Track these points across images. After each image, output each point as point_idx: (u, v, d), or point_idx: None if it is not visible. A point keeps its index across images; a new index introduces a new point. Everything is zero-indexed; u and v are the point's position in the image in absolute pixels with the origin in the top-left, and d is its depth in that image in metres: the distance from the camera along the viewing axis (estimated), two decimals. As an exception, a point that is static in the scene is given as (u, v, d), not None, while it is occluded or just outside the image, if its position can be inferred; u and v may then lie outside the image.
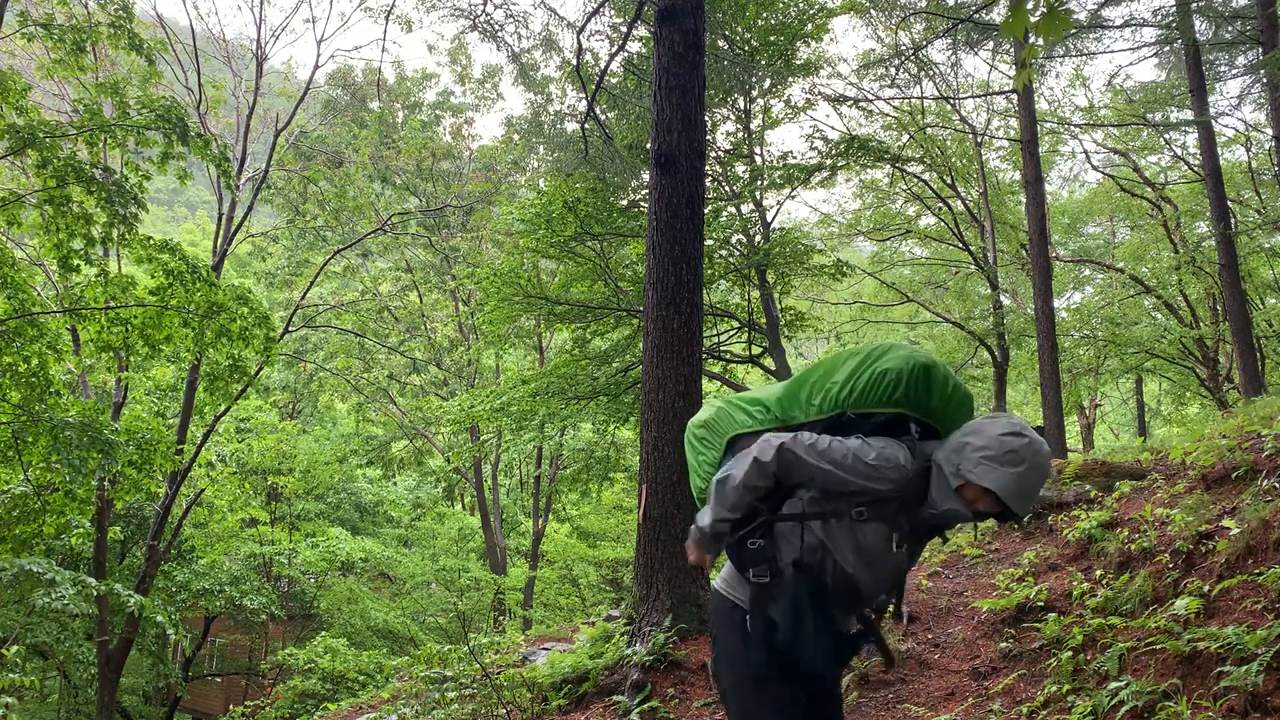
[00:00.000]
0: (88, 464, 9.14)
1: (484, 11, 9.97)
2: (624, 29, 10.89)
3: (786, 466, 2.45)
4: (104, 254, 13.02)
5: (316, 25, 36.86)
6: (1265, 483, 4.68)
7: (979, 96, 18.42)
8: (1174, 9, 12.40)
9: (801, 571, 2.48)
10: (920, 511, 2.44)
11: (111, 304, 9.90)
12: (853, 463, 2.42)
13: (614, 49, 10.01)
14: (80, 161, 9.18)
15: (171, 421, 16.10)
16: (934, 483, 2.42)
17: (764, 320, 13.50)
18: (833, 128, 20.83)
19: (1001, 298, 17.88)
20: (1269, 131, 14.66)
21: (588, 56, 11.45)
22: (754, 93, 13.37)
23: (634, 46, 11.67)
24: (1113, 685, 3.84)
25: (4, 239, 10.90)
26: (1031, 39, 1.82)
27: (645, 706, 5.20)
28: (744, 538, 2.53)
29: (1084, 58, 17.71)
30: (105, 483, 11.75)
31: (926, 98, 17.69)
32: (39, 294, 10.27)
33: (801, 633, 2.45)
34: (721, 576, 2.69)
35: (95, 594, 11.40)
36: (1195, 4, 12.07)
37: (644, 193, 12.01)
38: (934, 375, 2.52)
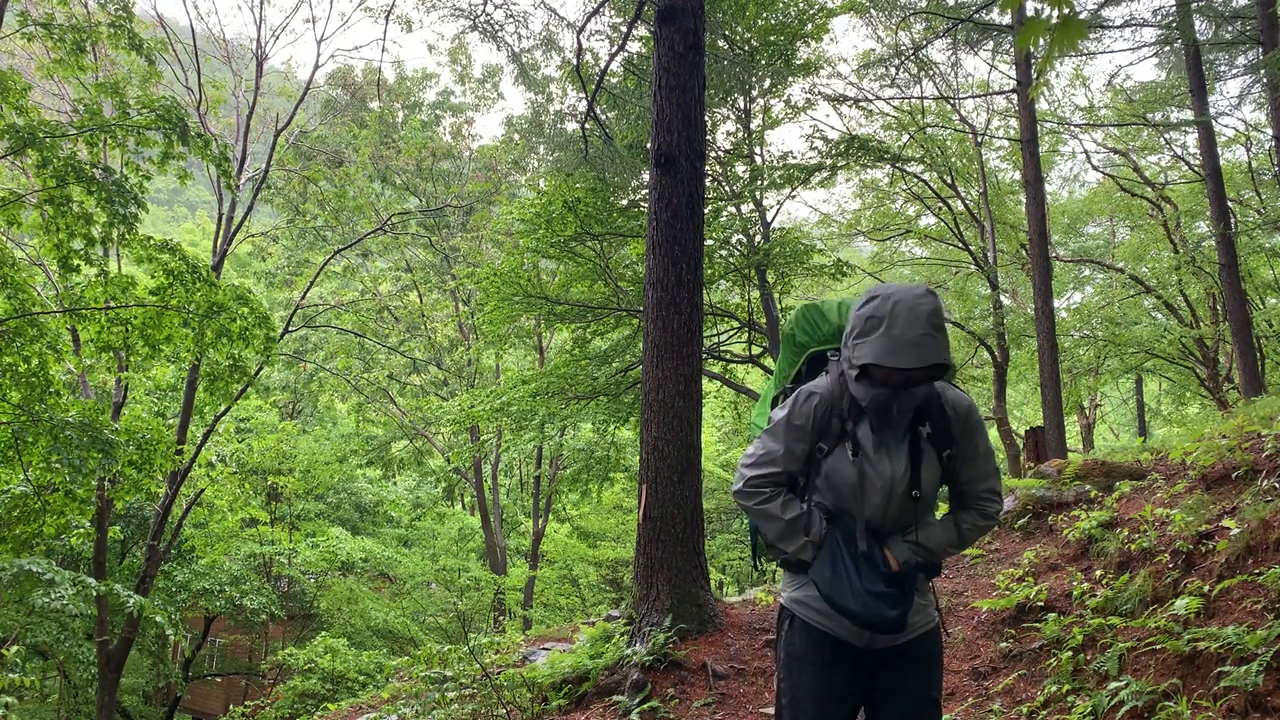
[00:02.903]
0: (88, 464, 9.14)
1: (484, 11, 9.97)
2: (624, 29, 10.89)
3: (762, 470, 2.51)
4: (104, 254, 13.00)
5: (316, 25, 36.90)
6: (1265, 483, 4.68)
7: (979, 96, 18.43)
8: (1174, 9, 12.40)
9: (827, 530, 2.49)
10: (862, 415, 2.43)
11: (111, 304, 9.90)
12: (779, 420, 2.51)
13: (614, 49, 10.00)
14: (80, 161, 9.19)
15: (171, 421, 16.10)
16: (849, 383, 2.42)
17: (764, 320, 13.50)
18: (833, 128, 20.84)
19: (1001, 298, 17.89)
20: (1269, 131, 14.66)
21: (588, 56, 11.46)
22: (754, 93, 13.36)
23: (634, 46, 11.67)
24: (1113, 685, 3.84)
25: (4, 239, 10.90)
26: (1043, 44, 1.74)
27: (645, 706, 5.19)
28: None
29: (1084, 58, 17.72)
30: (105, 483, 11.75)
31: (926, 98, 17.70)
32: (39, 294, 10.27)
33: (839, 584, 2.42)
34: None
35: (95, 594, 11.40)
36: (1195, 4, 12.07)
37: (644, 193, 12.00)
38: (820, 308, 2.65)
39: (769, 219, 13.76)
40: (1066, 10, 1.72)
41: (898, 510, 2.44)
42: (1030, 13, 12.26)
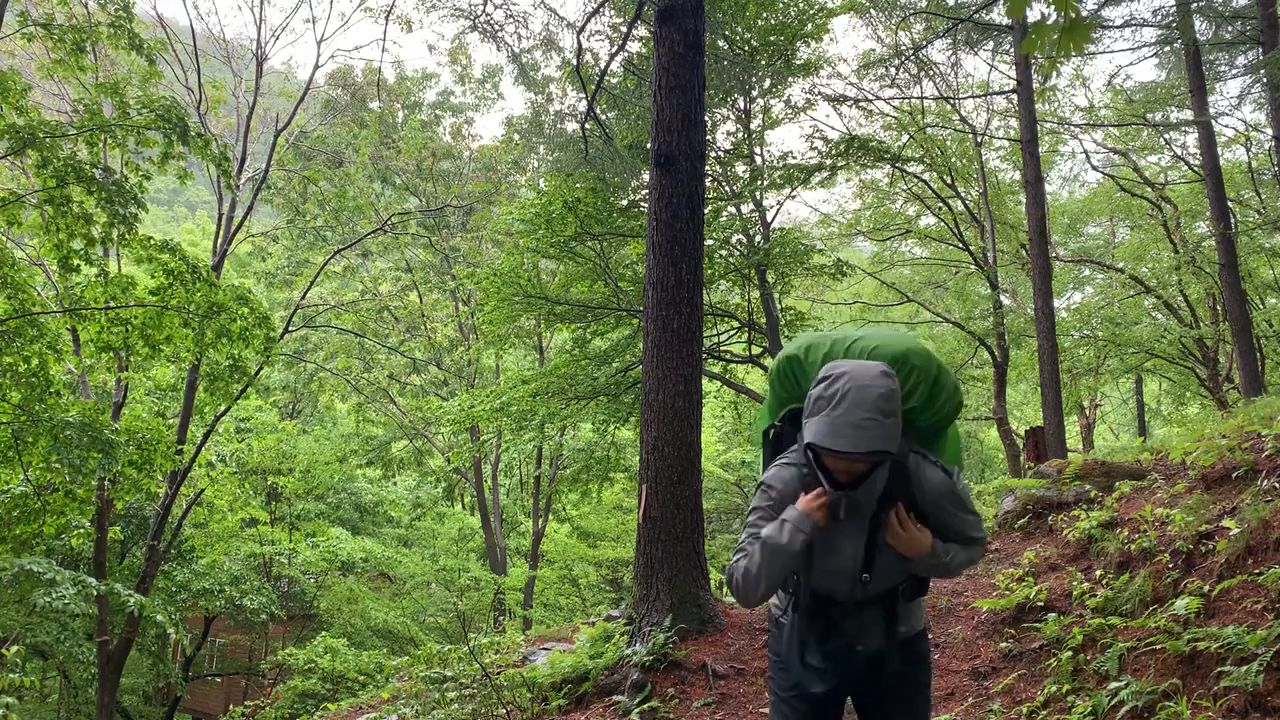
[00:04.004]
0: (88, 464, 9.14)
1: (484, 12, 9.96)
2: (624, 29, 10.89)
3: (730, 579, 2.46)
4: (104, 254, 13.02)
5: (316, 25, 36.93)
6: (1265, 483, 4.68)
7: (979, 96, 18.42)
8: (1174, 9, 12.40)
9: (793, 596, 2.57)
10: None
11: (111, 304, 9.90)
12: (755, 498, 2.50)
13: (614, 49, 10.00)
14: (80, 161, 9.18)
15: (171, 421, 16.09)
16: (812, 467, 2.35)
17: (764, 320, 13.49)
18: (833, 128, 20.85)
19: (1001, 298, 17.87)
20: (1269, 131, 14.66)
21: (588, 56, 11.45)
22: (754, 93, 13.35)
23: (634, 46, 11.67)
24: (1113, 685, 3.84)
25: (4, 239, 10.89)
26: (1047, 46, 1.73)
27: (645, 706, 5.20)
28: None
29: (1084, 58, 17.71)
30: (105, 483, 11.75)
31: (926, 98, 17.68)
32: (39, 294, 10.27)
33: (790, 646, 2.55)
34: None
35: (95, 594, 11.40)
36: (1195, 4, 12.07)
37: (644, 193, 12.00)
38: (802, 361, 2.51)
39: (769, 219, 13.76)
40: (1072, 14, 1.72)
41: (850, 591, 2.44)
42: (1033, 15, 12.25)
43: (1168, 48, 13.21)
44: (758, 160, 13.67)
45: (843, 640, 2.48)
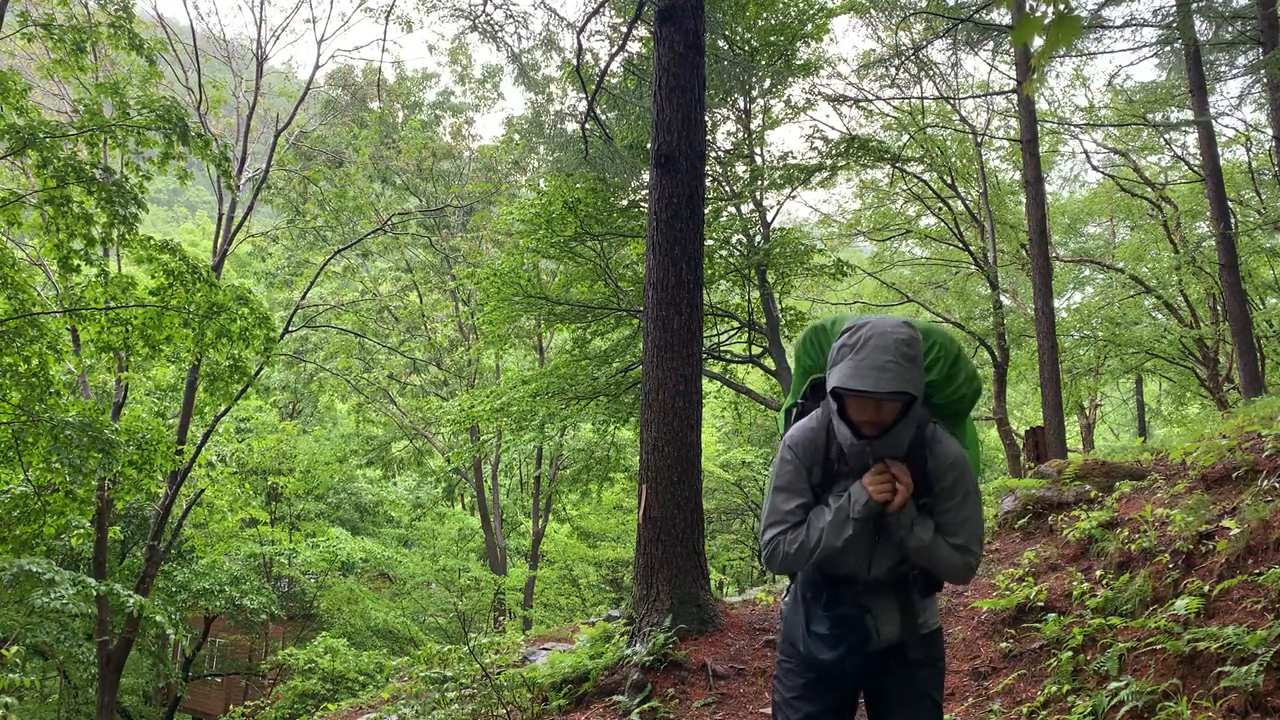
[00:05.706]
0: (88, 464, 9.14)
1: (484, 12, 9.97)
2: (624, 29, 10.89)
3: (774, 553, 2.46)
4: (104, 254, 13.02)
5: (316, 25, 36.93)
6: (1265, 483, 4.68)
7: (979, 96, 18.41)
8: (1174, 9, 12.40)
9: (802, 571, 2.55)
10: (841, 463, 2.39)
11: (111, 304, 9.90)
12: (772, 481, 2.51)
13: (614, 49, 10.01)
14: (80, 162, 9.18)
15: (171, 421, 16.10)
16: (834, 424, 2.37)
17: (764, 320, 13.49)
18: (833, 128, 20.83)
19: (1001, 298, 17.87)
20: (1269, 131, 14.66)
21: (588, 57, 11.45)
22: (754, 93, 13.35)
23: (634, 46, 11.67)
24: (1113, 685, 3.84)
25: (4, 239, 10.89)
26: (1039, 43, 1.75)
27: (645, 706, 5.20)
28: None
29: (1084, 58, 17.72)
30: (105, 483, 11.75)
31: (926, 98, 17.68)
32: (39, 294, 10.26)
33: (793, 620, 2.53)
34: None
35: (95, 594, 11.41)
36: (1195, 4, 12.07)
37: (644, 193, 12.00)
38: (827, 329, 2.54)
39: (769, 219, 13.76)
40: (1061, 7, 1.73)
41: (857, 548, 2.40)
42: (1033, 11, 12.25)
43: (1168, 48, 13.21)
44: (758, 160, 13.67)
45: (852, 608, 2.44)
